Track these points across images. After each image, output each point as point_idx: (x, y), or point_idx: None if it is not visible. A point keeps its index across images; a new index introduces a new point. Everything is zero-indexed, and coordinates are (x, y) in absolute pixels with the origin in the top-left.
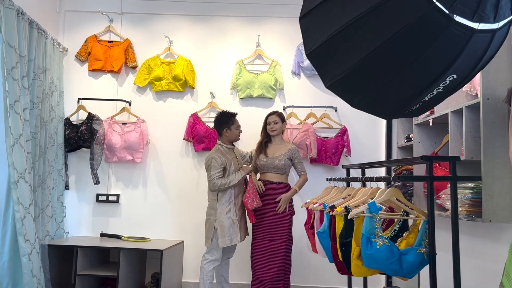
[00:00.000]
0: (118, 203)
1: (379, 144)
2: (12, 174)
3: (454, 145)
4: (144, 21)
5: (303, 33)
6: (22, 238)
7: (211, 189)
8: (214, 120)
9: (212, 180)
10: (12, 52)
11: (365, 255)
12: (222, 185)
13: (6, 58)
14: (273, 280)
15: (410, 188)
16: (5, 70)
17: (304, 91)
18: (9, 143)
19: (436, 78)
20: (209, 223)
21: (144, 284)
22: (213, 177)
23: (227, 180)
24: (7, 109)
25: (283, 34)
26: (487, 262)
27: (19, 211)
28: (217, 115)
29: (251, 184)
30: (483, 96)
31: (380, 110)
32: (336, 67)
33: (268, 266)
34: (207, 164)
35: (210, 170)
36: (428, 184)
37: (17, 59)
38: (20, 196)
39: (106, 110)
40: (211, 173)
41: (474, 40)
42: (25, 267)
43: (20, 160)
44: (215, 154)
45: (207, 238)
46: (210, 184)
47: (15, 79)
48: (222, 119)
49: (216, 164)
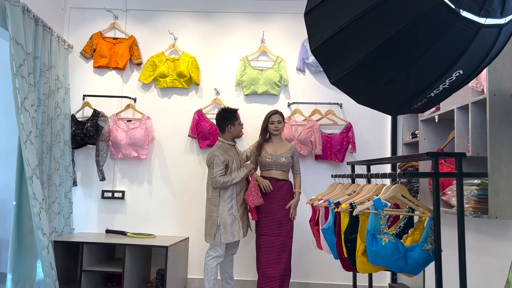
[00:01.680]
0: (124, 200)
1: (384, 140)
2: (27, 170)
3: (460, 141)
4: (149, 18)
5: (308, 29)
6: (40, 232)
7: (213, 187)
8: (216, 117)
9: (214, 177)
10: (19, 49)
11: (370, 252)
12: (224, 183)
13: (14, 55)
14: (282, 275)
15: (416, 185)
16: (14, 68)
17: (309, 88)
18: (23, 140)
19: (442, 74)
20: (212, 220)
21: (150, 280)
22: (215, 174)
23: (230, 178)
24: (19, 106)
25: (288, 30)
26: (493, 259)
27: (36, 205)
28: (219, 111)
29: (253, 182)
30: (489, 91)
31: (385, 106)
32: (342, 63)
33: (277, 262)
34: (209, 161)
35: (212, 167)
36: (434, 180)
37: (24, 56)
38: (36, 192)
39: (111, 107)
40: (214, 170)
41: (480, 35)
42: (45, 259)
43: (32, 156)
44: (217, 151)
45: (209, 235)
46: (213, 181)
47: (23, 77)
48: (226, 115)
49: (218, 162)
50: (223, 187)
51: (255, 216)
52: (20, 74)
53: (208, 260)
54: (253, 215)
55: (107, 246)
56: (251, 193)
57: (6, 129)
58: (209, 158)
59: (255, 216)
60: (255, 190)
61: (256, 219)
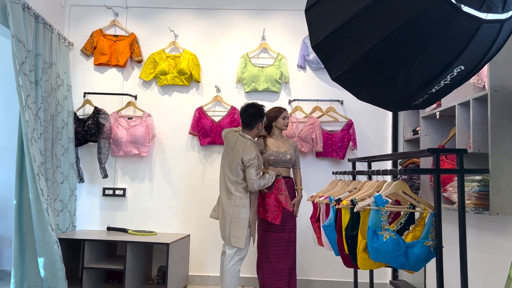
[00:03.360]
0: (125, 197)
1: (385, 137)
2: (34, 167)
3: (461, 137)
4: (149, 15)
5: (309, 25)
6: (50, 227)
7: (252, 189)
8: (246, 111)
9: (257, 180)
10: (21, 47)
11: (371, 248)
12: (261, 186)
13: (16, 53)
14: (290, 269)
15: (417, 182)
16: (17, 65)
17: (310, 85)
18: (28, 137)
19: (444, 70)
20: (242, 222)
21: (151, 277)
22: (256, 177)
23: (266, 181)
24: (23, 103)
25: (288, 27)
26: (494, 255)
27: (44, 202)
28: (250, 106)
29: (284, 185)
30: (491, 87)
31: (386, 102)
32: (342, 59)
33: (284, 257)
34: (249, 161)
35: (253, 168)
36: (435, 176)
37: (26, 54)
38: (42, 188)
39: (112, 105)
40: (255, 172)
41: (482, 31)
42: (57, 253)
43: (37, 153)
44: (256, 150)
45: (238, 238)
46: (255, 184)
47: (25, 74)
48: (259, 112)
49: (260, 163)
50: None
51: (280, 221)
52: (23, 72)
53: (232, 265)
54: (278, 220)
55: (109, 244)
56: (287, 197)
57: (7, 127)
58: (252, 157)
59: (279, 221)
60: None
61: (279, 223)
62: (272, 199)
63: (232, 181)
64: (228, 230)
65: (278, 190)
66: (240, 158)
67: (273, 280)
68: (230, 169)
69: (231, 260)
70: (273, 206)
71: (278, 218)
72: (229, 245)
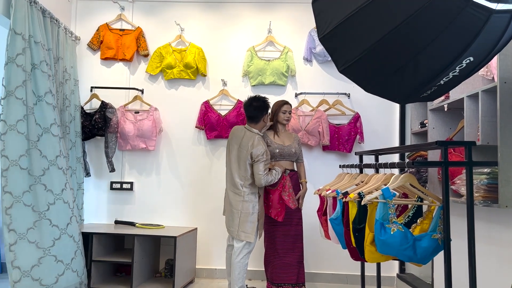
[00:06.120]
0: (132, 191)
1: (393, 130)
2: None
3: (469, 130)
4: (155, 9)
5: (316, 16)
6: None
7: (259, 184)
8: (251, 105)
9: (264, 176)
10: (18, 38)
11: (379, 241)
12: (268, 182)
13: (18, 48)
14: (298, 262)
15: (424, 174)
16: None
17: (316, 78)
18: (40, 131)
19: (452, 61)
20: (252, 217)
21: (158, 270)
22: (264, 173)
23: (272, 177)
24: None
25: (295, 20)
26: (503, 248)
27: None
28: (254, 99)
29: (289, 183)
30: (500, 79)
31: (394, 94)
32: (350, 51)
33: (292, 250)
34: (258, 156)
35: (262, 163)
36: (443, 169)
37: (24, 45)
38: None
39: (119, 99)
40: (263, 168)
41: (492, 21)
42: (79, 246)
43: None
44: (264, 145)
45: (248, 233)
46: (263, 180)
47: (18, 66)
48: (263, 104)
49: (268, 159)
50: (266, 185)
51: (282, 218)
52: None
53: (240, 258)
54: (281, 217)
55: (116, 237)
56: (290, 194)
57: None
58: (260, 152)
59: (282, 218)
60: (292, 192)
61: (282, 220)
62: (277, 196)
63: (240, 177)
64: (237, 225)
65: (283, 187)
66: (249, 153)
67: (283, 273)
68: (238, 165)
69: (240, 253)
70: (277, 203)
71: (281, 215)
72: (237, 239)
